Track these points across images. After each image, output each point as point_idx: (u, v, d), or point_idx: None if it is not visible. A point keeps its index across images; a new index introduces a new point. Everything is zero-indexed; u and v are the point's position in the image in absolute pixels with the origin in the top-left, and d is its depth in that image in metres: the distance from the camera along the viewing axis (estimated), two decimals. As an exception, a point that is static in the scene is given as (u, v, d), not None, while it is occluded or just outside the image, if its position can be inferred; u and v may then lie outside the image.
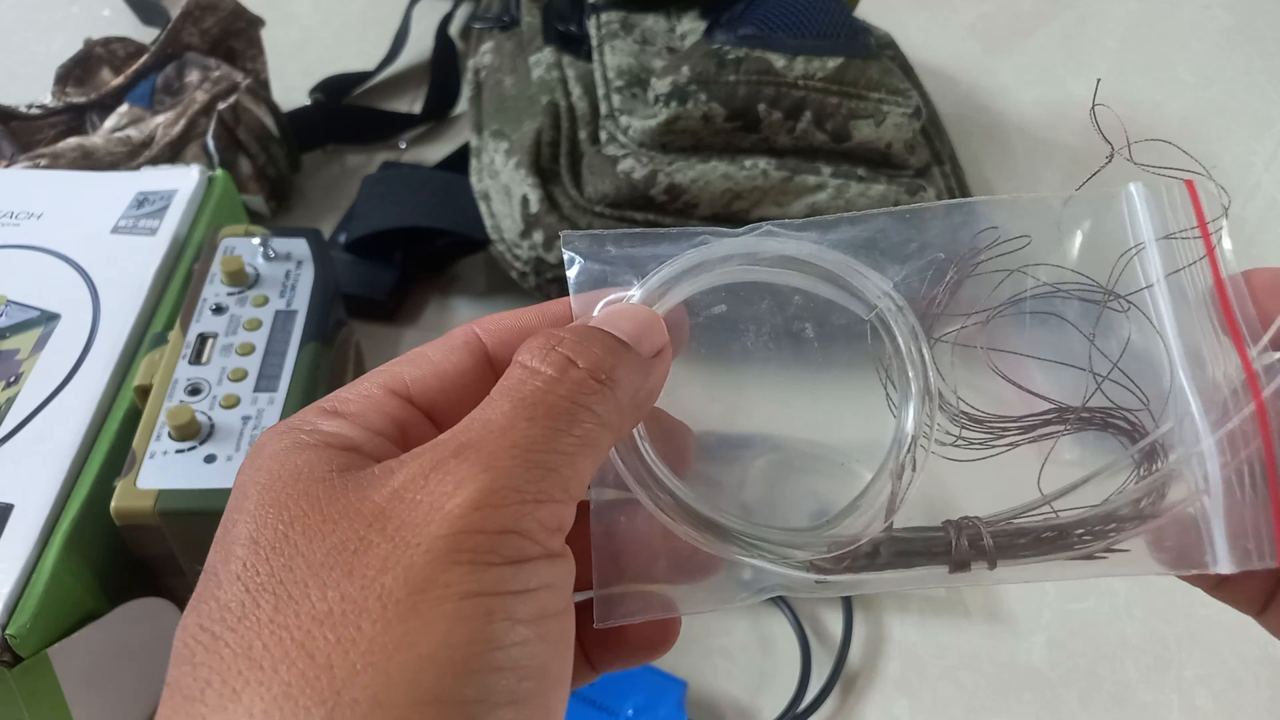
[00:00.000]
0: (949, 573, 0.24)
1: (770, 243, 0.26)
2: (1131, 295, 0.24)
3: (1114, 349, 0.24)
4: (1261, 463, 0.22)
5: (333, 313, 0.50)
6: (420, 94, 0.80)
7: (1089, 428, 0.24)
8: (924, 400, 0.25)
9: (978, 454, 0.25)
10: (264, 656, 0.18)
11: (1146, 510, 0.24)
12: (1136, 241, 0.25)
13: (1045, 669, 0.49)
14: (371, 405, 0.23)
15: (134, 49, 0.71)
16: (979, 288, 0.25)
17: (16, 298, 0.48)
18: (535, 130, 0.60)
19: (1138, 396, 0.24)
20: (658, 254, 0.26)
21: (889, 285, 0.25)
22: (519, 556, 0.19)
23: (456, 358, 0.24)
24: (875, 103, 0.57)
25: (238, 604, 0.19)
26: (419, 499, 0.20)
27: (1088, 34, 0.91)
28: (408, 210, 0.63)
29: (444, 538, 0.19)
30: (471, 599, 0.19)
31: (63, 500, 0.40)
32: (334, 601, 0.19)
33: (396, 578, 0.19)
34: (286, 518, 0.20)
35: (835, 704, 0.47)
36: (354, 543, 0.19)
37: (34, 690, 0.38)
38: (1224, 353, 0.23)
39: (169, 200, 0.54)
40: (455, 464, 0.20)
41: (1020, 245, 0.25)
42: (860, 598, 0.50)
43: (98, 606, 0.40)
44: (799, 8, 0.58)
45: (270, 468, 0.21)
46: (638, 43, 0.63)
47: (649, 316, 0.24)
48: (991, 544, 0.24)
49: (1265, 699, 0.48)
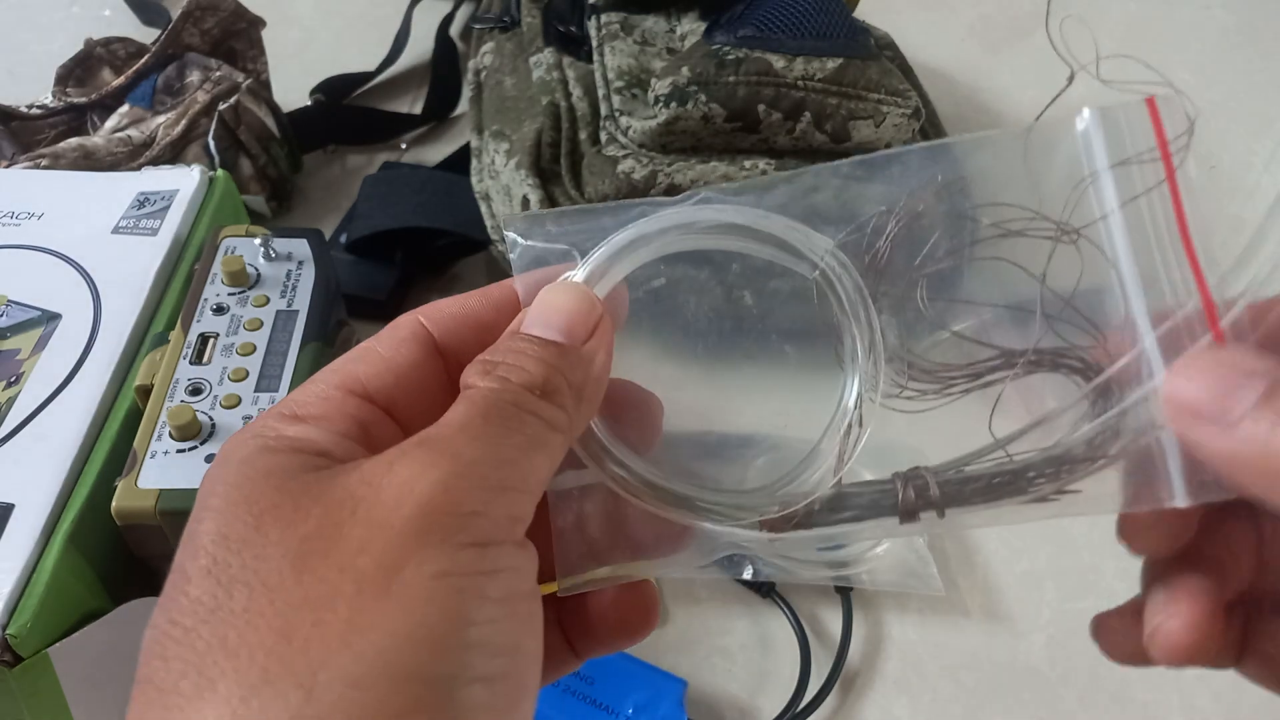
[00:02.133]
0: (899, 524, 0.24)
1: (708, 210, 0.26)
2: (1084, 228, 0.23)
3: (1070, 286, 0.23)
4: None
5: (334, 313, 0.50)
6: (421, 94, 0.80)
7: (1039, 370, 0.24)
8: (869, 355, 0.25)
9: (926, 404, 0.25)
10: (239, 645, 0.18)
11: (1100, 449, 0.23)
12: (1090, 171, 0.23)
13: (1045, 668, 0.49)
14: (332, 407, 0.23)
15: (135, 49, 0.71)
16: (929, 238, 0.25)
17: (17, 298, 0.48)
18: (536, 131, 0.60)
19: (1090, 333, 0.23)
20: (598, 228, 0.26)
21: (830, 244, 0.25)
22: (485, 539, 0.20)
23: (407, 350, 0.24)
24: (875, 103, 0.57)
25: (209, 597, 0.19)
26: (387, 482, 0.20)
27: (1088, 34, 0.91)
28: (408, 211, 0.64)
29: (414, 519, 0.19)
30: (443, 578, 0.19)
31: (64, 500, 0.40)
32: (310, 585, 0.19)
33: (370, 559, 0.19)
34: (256, 511, 0.20)
35: (835, 703, 0.47)
36: (328, 529, 0.20)
37: (34, 690, 0.38)
38: (1183, 283, 0.22)
39: (170, 200, 0.54)
40: (419, 452, 0.20)
41: (957, 188, 0.24)
42: (860, 597, 0.50)
43: (98, 606, 0.40)
44: (799, 8, 0.58)
45: (238, 470, 0.21)
46: (638, 44, 0.63)
47: (579, 301, 0.24)
48: (938, 493, 0.24)
49: (1265, 699, 0.48)
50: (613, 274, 0.25)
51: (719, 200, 0.26)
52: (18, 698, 0.38)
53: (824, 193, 0.26)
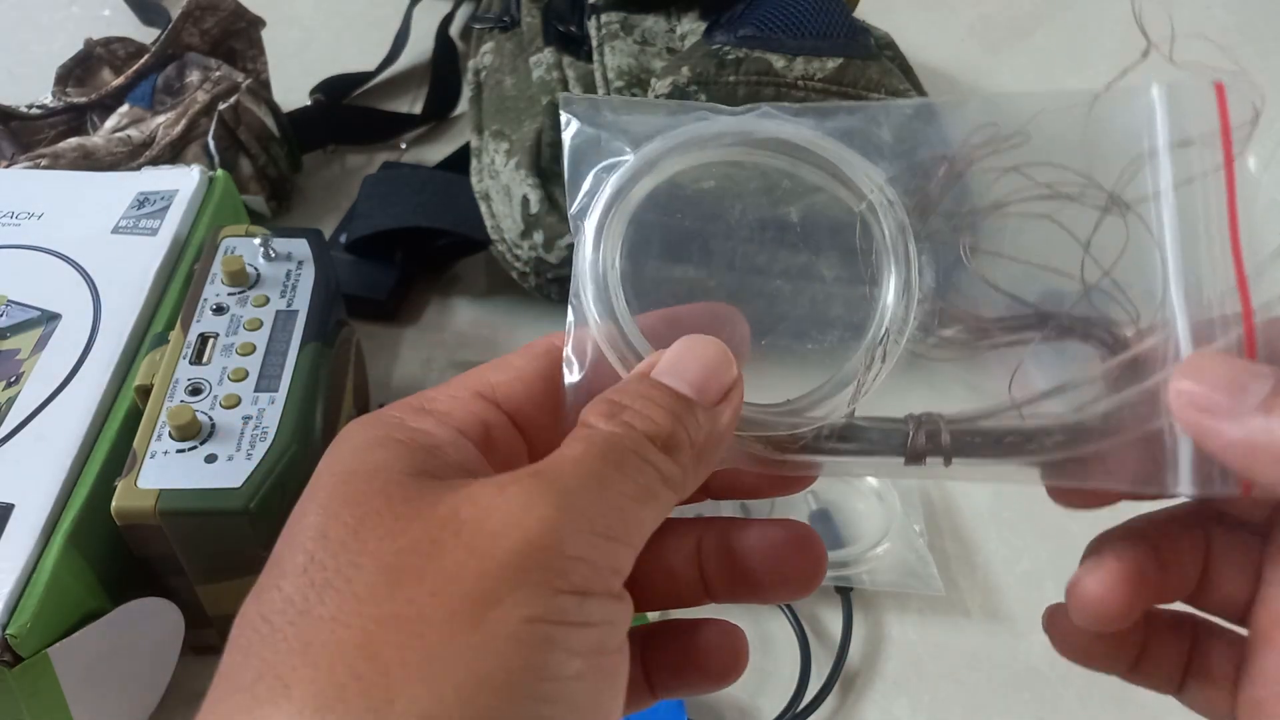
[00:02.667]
0: (904, 464, 0.24)
1: (768, 124, 0.25)
2: (1135, 204, 0.23)
3: (1113, 258, 0.23)
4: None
5: (333, 313, 0.50)
6: (421, 94, 0.80)
7: (1069, 337, 0.24)
8: (902, 295, 0.25)
9: (952, 353, 0.24)
10: (321, 653, 0.18)
11: (1115, 426, 0.23)
12: (1149, 147, 0.23)
13: (1045, 668, 0.49)
14: (458, 405, 0.23)
15: (134, 49, 0.71)
16: (978, 186, 0.24)
17: (17, 298, 0.48)
18: (536, 130, 0.60)
19: (1126, 310, 0.23)
20: (653, 125, 0.26)
21: (883, 178, 0.25)
22: (585, 588, 0.19)
23: (539, 364, 0.25)
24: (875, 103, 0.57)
25: (300, 597, 0.19)
26: (495, 506, 0.19)
27: (1088, 34, 0.91)
28: (408, 210, 0.64)
29: (516, 554, 0.19)
30: (534, 624, 0.18)
31: (63, 500, 0.40)
32: (400, 604, 0.18)
33: (466, 588, 0.18)
34: (358, 513, 0.20)
35: (835, 703, 0.47)
36: (426, 545, 0.19)
37: (34, 690, 0.38)
38: (1225, 275, 0.22)
39: (170, 200, 0.54)
40: (531, 482, 0.20)
41: (1018, 143, 0.24)
42: (860, 597, 0.50)
43: (98, 606, 0.40)
44: (799, 8, 0.58)
45: (348, 461, 0.21)
46: (638, 43, 0.63)
47: (717, 358, 0.23)
48: (949, 441, 0.23)
49: (1265, 699, 0.48)
50: (663, 168, 0.25)
51: (780, 116, 0.26)
52: (18, 698, 0.38)
53: (884, 128, 0.25)
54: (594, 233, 0.25)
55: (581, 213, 0.25)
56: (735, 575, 0.26)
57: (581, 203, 0.26)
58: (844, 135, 0.25)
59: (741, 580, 0.26)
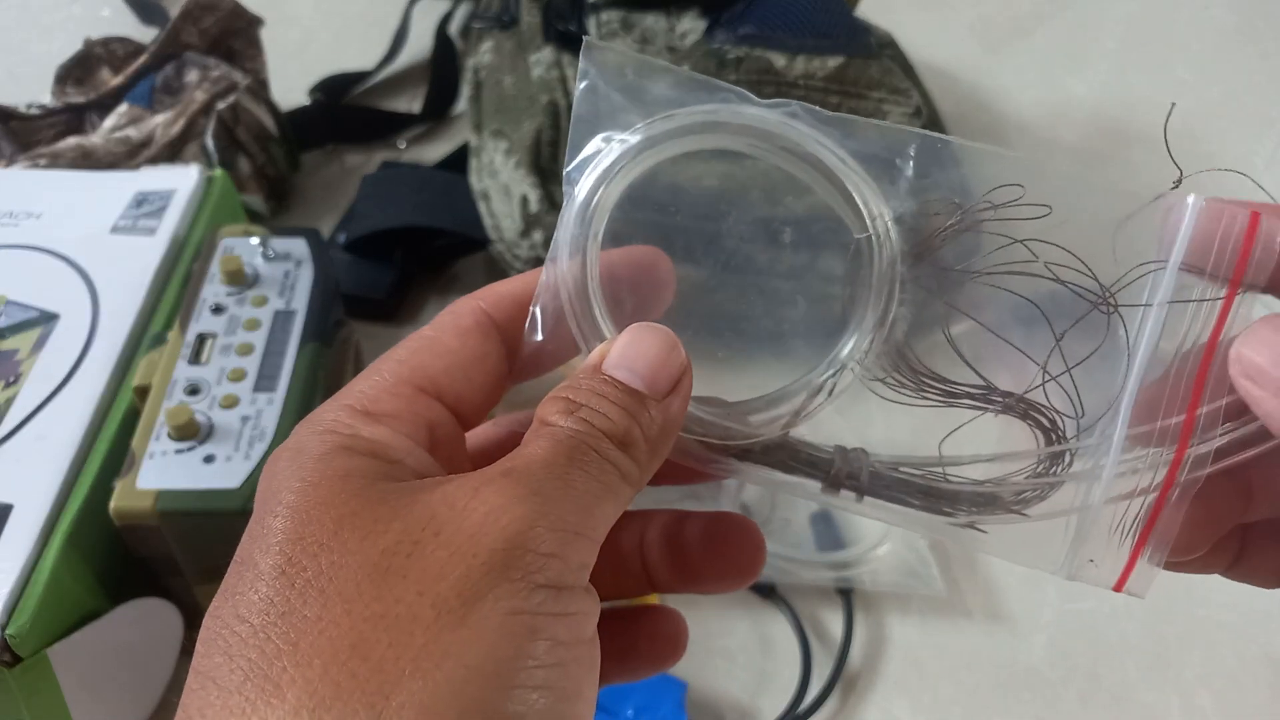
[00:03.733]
0: (820, 490, 0.25)
1: (791, 130, 0.25)
2: (1124, 306, 0.24)
3: (1087, 347, 0.24)
4: (1144, 516, 0.23)
5: (332, 312, 0.50)
6: (420, 94, 0.80)
7: (1011, 413, 0.25)
8: (869, 333, 0.25)
9: (901, 398, 0.25)
10: (312, 654, 0.18)
11: (1019, 505, 0.24)
12: (1160, 257, 0.23)
13: (1045, 669, 0.49)
14: (404, 405, 0.23)
15: (133, 49, 0.71)
16: (976, 243, 0.25)
17: (16, 298, 0.48)
18: (535, 130, 0.60)
19: (1074, 406, 0.24)
20: (672, 98, 0.25)
21: (889, 217, 0.25)
22: (560, 582, 0.20)
23: (474, 342, 0.24)
24: (876, 102, 0.57)
25: (282, 599, 0.19)
26: (472, 507, 0.20)
27: (1088, 34, 0.91)
28: (407, 210, 0.63)
29: (500, 551, 0.19)
30: (518, 615, 0.19)
31: (62, 500, 0.40)
32: (389, 603, 0.19)
33: (451, 586, 0.19)
34: (335, 515, 0.20)
35: (836, 704, 0.47)
36: (408, 546, 0.19)
37: (34, 690, 0.38)
38: (1178, 407, 0.23)
39: (168, 200, 0.54)
40: (505, 483, 0.20)
41: (1039, 215, 0.24)
42: (861, 598, 0.50)
43: (98, 606, 0.40)
44: (799, 7, 0.58)
45: (314, 466, 0.21)
46: (637, 42, 0.63)
47: (665, 350, 0.24)
48: (868, 480, 0.25)
49: (1265, 699, 0.48)
50: (668, 148, 0.25)
51: (807, 120, 0.26)
52: (17, 698, 0.37)
53: (909, 161, 0.25)
54: (582, 198, 0.25)
55: (576, 170, 0.25)
56: (676, 566, 0.27)
57: (577, 167, 0.25)
58: (866, 158, 0.25)
59: (683, 571, 0.27)
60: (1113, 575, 0.24)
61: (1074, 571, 0.24)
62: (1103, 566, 0.24)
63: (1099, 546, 0.24)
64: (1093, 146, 0.79)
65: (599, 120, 0.25)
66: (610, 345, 0.24)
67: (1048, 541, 0.24)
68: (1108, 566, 0.24)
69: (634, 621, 0.27)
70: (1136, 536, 0.23)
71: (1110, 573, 0.24)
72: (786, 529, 0.52)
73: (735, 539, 0.27)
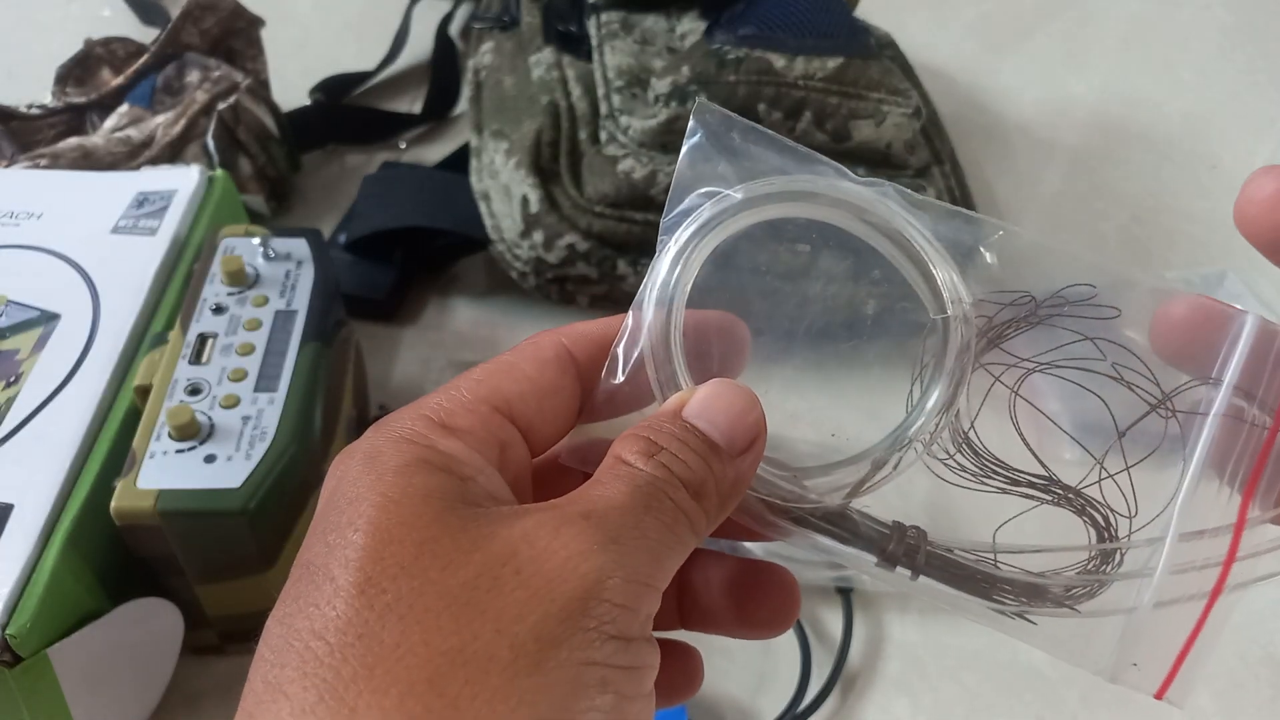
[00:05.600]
0: (874, 564, 0.25)
1: (881, 206, 0.26)
2: (1182, 412, 0.24)
3: (1142, 447, 0.24)
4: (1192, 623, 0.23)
5: (333, 313, 0.50)
6: (420, 94, 0.80)
7: (1066, 507, 0.25)
8: (939, 413, 0.25)
9: (961, 481, 0.25)
10: (389, 682, 0.18)
11: (1070, 600, 0.25)
12: (1218, 374, 0.24)
13: (1046, 669, 0.49)
14: (479, 423, 0.23)
15: (134, 49, 0.71)
16: (1042, 336, 0.25)
17: (16, 298, 0.48)
18: (535, 130, 0.60)
19: (1129, 504, 0.24)
20: (774, 165, 0.26)
21: (969, 300, 0.26)
22: (628, 633, 0.20)
23: (551, 374, 0.24)
24: (875, 103, 0.57)
25: (360, 620, 0.19)
26: (553, 549, 0.20)
27: (1088, 34, 0.91)
28: (408, 210, 0.63)
29: (577, 600, 0.19)
30: (590, 667, 0.19)
31: (63, 500, 0.40)
32: (466, 639, 0.19)
33: (529, 629, 0.19)
34: (417, 539, 0.20)
35: (835, 704, 0.47)
36: (487, 581, 0.19)
37: (34, 690, 0.38)
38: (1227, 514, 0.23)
39: (169, 200, 0.54)
40: (584, 526, 0.20)
41: (1110, 316, 0.25)
42: (860, 598, 0.50)
43: (98, 606, 0.40)
44: (799, 8, 0.58)
45: (394, 481, 0.21)
46: (638, 43, 0.63)
47: (746, 407, 0.23)
48: (924, 560, 0.25)
49: (1265, 699, 0.48)
50: (764, 212, 0.26)
51: (898, 200, 0.26)
52: (18, 698, 0.37)
53: (993, 253, 0.26)
54: (675, 250, 0.25)
55: (671, 227, 0.26)
56: (712, 609, 0.27)
57: (674, 219, 0.26)
58: (952, 245, 0.26)
59: (718, 614, 0.27)
60: (1155, 682, 0.24)
61: (1116, 674, 0.24)
62: (1146, 672, 0.24)
63: (1144, 651, 0.24)
64: (1092, 146, 0.79)
65: (699, 179, 0.26)
66: (692, 394, 0.24)
67: (1093, 640, 0.25)
68: (1151, 673, 0.24)
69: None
70: (1182, 645, 0.24)
71: (1153, 680, 0.24)
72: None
73: (775, 590, 0.27)
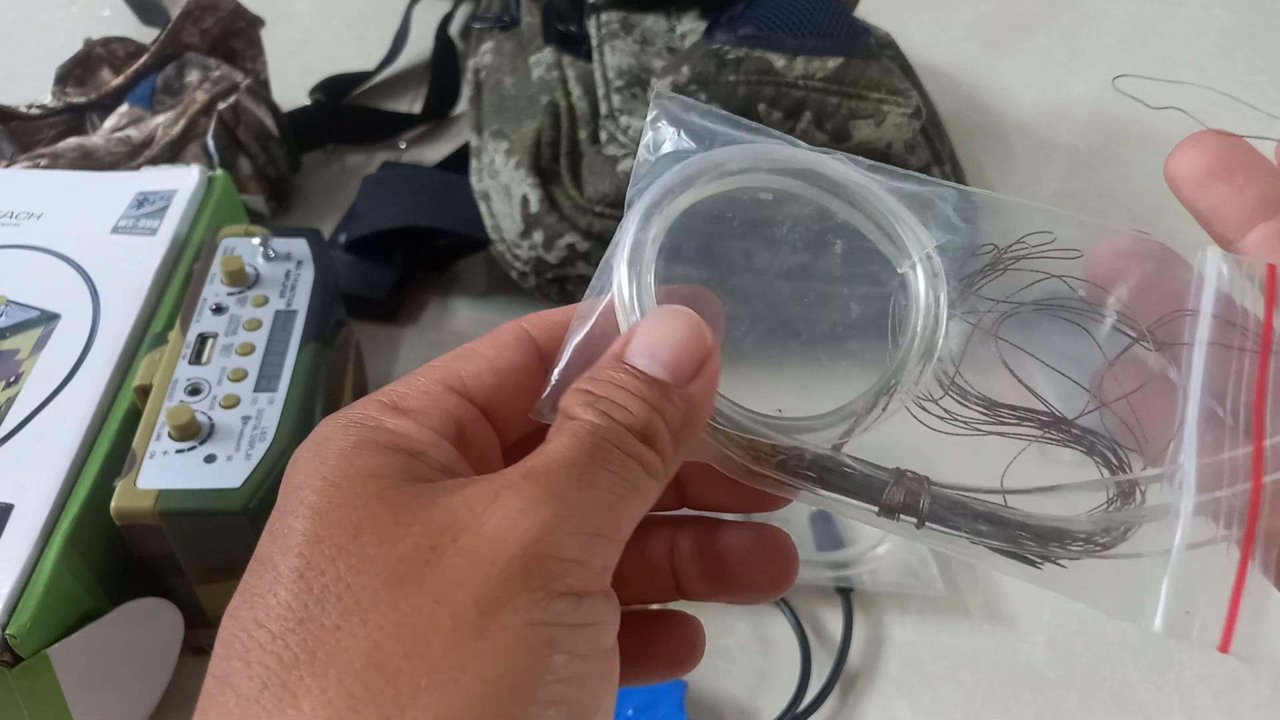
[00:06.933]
0: (876, 514, 0.24)
1: (836, 164, 0.26)
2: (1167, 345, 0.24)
3: (1131, 382, 0.24)
4: (1236, 545, 0.21)
5: (333, 313, 0.50)
6: (420, 94, 0.80)
7: (1073, 445, 0.24)
8: (920, 359, 0.25)
9: (951, 427, 0.25)
10: (328, 663, 0.18)
11: (1097, 543, 0.23)
12: (1193, 302, 0.23)
13: (1045, 669, 0.49)
14: (432, 402, 0.23)
15: (134, 49, 0.71)
16: (1013, 284, 0.25)
17: (16, 298, 0.48)
18: (535, 130, 0.60)
19: (1136, 437, 0.23)
20: (735, 138, 0.26)
21: (933, 245, 0.26)
22: (582, 589, 0.19)
23: (509, 353, 0.24)
24: (875, 103, 0.57)
25: (300, 604, 0.19)
26: (492, 512, 0.19)
27: (1088, 34, 0.91)
28: (408, 210, 0.63)
29: (519, 559, 0.19)
30: (538, 627, 0.18)
31: (63, 500, 0.40)
32: (405, 613, 0.18)
33: (469, 595, 0.18)
34: (356, 519, 0.20)
35: (835, 704, 0.47)
36: (425, 552, 0.19)
37: (34, 690, 0.38)
38: (1243, 434, 0.22)
39: (169, 200, 0.54)
40: (525, 485, 0.20)
41: (1073, 257, 0.24)
42: (860, 598, 0.50)
43: (98, 606, 0.40)
44: (799, 8, 0.58)
45: (337, 464, 0.21)
46: (638, 43, 0.63)
47: (688, 335, 0.22)
48: (928, 506, 0.23)
49: (1265, 699, 0.48)
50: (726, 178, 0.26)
51: (856, 165, 0.26)
52: (18, 698, 0.38)
53: (950, 205, 0.26)
54: (644, 208, 0.25)
55: (639, 193, 0.26)
56: (708, 574, 0.26)
57: (641, 185, 0.26)
58: (908, 198, 0.26)
59: (714, 580, 0.26)
60: (1214, 633, 0.21)
61: (1171, 626, 0.21)
62: (1202, 621, 0.21)
63: (1197, 597, 0.21)
64: (1092, 147, 0.79)
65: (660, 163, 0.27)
66: (632, 331, 0.23)
67: (1139, 589, 0.22)
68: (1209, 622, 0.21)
69: (652, 626, 0.27)
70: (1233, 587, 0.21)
71: (1211, 630, 0.21)
72: (785, 529, 0.52)
73: (770, 549, 0.26)
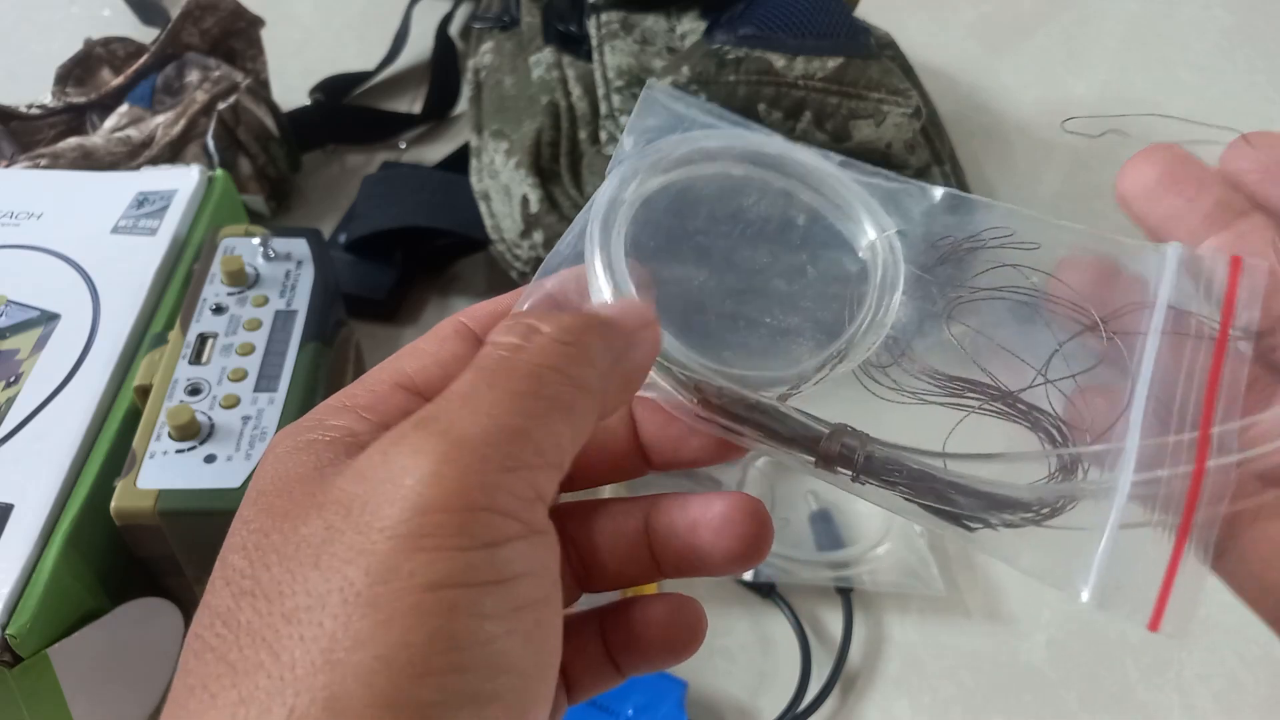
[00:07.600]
0: (814, 465, 0.24)
1: (806, 153, 0.27)
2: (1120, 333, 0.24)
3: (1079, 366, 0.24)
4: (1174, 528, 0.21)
5: (333, 313, 0.50)
6: (420, 94, 0.80)
7: (1017, 419, 0.24)
8: (870, 329, 0.26)
9: (897, 396, 0.25)
10: (239, 661, 0.18)
11: (1034, 511, 0.23)
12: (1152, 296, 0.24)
13: (1045, 669, 0.49)
14: (379, 399, 0.22)
15: (134, 49, 0.71)
16: (970, 272, 0.26)
17: (16, 298, 0.48)
18: (535, 130, 0.60)
19: (1082, 415, 0.24)
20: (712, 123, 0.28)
21: (893, 229, 0.27)
22: (492, 538, 0.18)
23: (451, 345, 0.24)
24: (875, 103, 0.57)
25: (225, 609, 0.19)
26: (379, 477, 0.18)
27: (1088, 34, 0.91)
28: (408, 210, 0.63)
29: (405, 520, 0.18)
30: (435, 591, 0.17)
31: (63, 500, 0.40)
32: (300, 597, 0.18)
33: (359, 568, 0.17)
34: (272, 518, 0.19)
35: (835, 704, 0.47)
36: (321, 533, 0.18)
37: (34, 690, 0.38)
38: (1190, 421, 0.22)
39: (169, 200, 0.54)
40: (416, 437, 0.19)
41: (1030, 248, 0.25)
42: (860, 598, 0.50)
43: (98, 606, 0.40)
44: (799, 8, 0.58)
45: (272, 471, 0.21)
46: (638, 43, 0.63)
47: (628, 301, 0.23)
48: (863, 459, 0.24)
49: (1265, 699, 0.48)
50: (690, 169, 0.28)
51: (828, 158, 0.28)
52: (18, 698, 0.37)
53: (915, 199, 0.27)
54: (616, 183, 0.26)
55: (616, 165, 0.27)
56: (684, 550, 0.25)
57: (619, 157, 0.27)
58: (876, 191, 0.28)
59: (691, 554, 0.25)
60: (1145, 610, 0.21)
61: (1103, 599, 0.21)
62: (1133, 597, 0.21)
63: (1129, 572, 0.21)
64: (1092, 147, 0.79)
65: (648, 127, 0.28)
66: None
67: (1076, 562, 0.22)
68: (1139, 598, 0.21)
69: (650, 610, 0.26)
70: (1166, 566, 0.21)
71: (1142, 607, 0.21)
72: (786, 529, 0.52)
73: (742, 517, 0.25)
